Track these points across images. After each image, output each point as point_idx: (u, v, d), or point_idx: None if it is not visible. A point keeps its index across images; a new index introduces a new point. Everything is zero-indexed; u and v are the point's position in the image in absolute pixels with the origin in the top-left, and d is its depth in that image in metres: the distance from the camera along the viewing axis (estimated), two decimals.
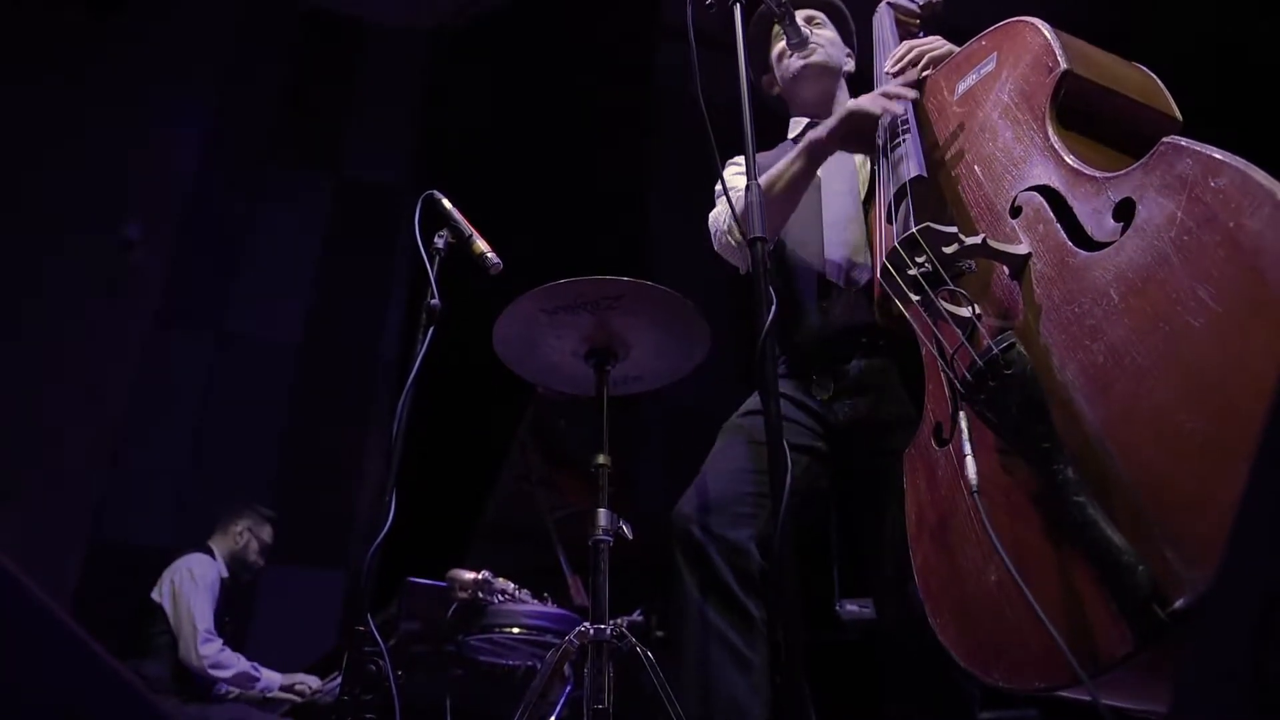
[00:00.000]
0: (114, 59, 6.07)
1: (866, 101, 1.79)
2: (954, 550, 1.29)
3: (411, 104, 6.93)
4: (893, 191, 1.63)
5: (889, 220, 1.62)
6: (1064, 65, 1.39)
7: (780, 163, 1.94)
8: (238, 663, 3.79)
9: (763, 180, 1.88)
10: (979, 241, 1.33)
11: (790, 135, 2.33)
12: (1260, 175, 1.00)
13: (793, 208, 1.99)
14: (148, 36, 6.18)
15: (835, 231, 2.02)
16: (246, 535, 4.16)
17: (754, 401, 2.02)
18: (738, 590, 1.76)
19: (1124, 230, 1.14)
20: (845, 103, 2.29)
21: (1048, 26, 1.47)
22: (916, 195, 1.57)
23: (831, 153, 1.90)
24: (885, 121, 1.75)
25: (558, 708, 2.08)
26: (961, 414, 1.28)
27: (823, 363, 1.95)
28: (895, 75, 1.89)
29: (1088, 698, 1.10)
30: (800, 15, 2.24)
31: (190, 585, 3.80)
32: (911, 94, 1.73)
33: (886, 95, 1.76)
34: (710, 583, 1.77)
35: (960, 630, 1.25)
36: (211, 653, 3.71)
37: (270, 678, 3.86)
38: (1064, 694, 1.11)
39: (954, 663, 1.25)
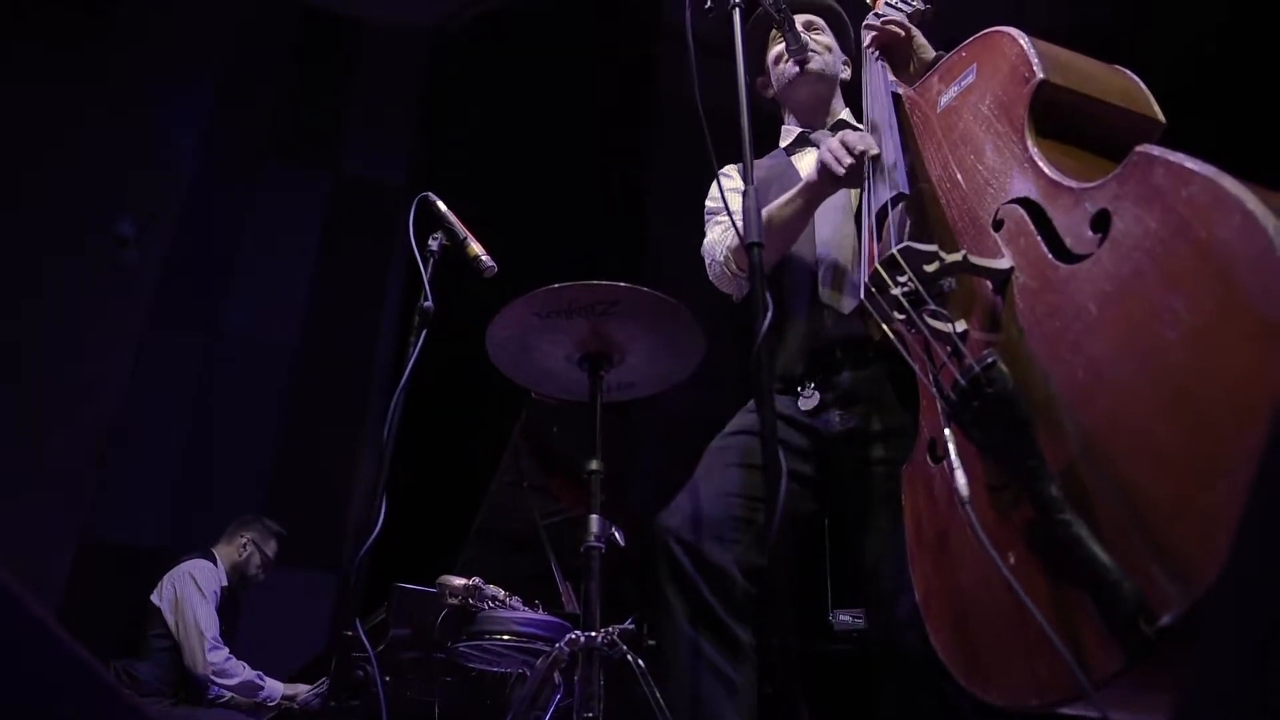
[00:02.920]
0: (112, 55, 6.07)
1: (828, 158, 1.79)
2: (952, 567, 1.28)
3: (410, 103, 6.93)
4: (876, 210, 1.62)
5: (874, 238, 1.61)
6: (1040, 75, 1.38)
7: (779, 200, 1.93)
8: (243, 671, 3.79)
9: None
10: (960, 258, 1.32)
11: (782, 144, 2.31)
12: (1230, 183, 0.98)
13: (790, 243, 1.99)
14: (146, 33, 6.18)
15: (828, 247, 2.01)
16: (250, 548, 4.15)
17: (741, 420, 2.01)
18: (723, 615, 1.77)
19: (1101, 242, 1.13)
20: (840, 112, 2.29)
21: (1024, 35, 1.46)
22: (902, 211, 1.57)
23: (830, 194, 1.91)
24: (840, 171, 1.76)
25: (547, 715, 2.06)
26: (948, 431, 1.26)
27: (813, 375, 1.94)
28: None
29: (1083, 714, 1.08)
30: (799, 20, 2.23)
31: (194, 592, 3.79)
32: (873, 149, 1.73)
33: (837, 151, 1.76)
34: (696, 607, 1.78)
35: (959, 647, 1.24)
36: (218, 660, 3.71)
37: (274, 687, 3.86)
38: (1060, 711, 1.09)
39: (948, 677, 1.24)
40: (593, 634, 1.85)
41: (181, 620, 3.71)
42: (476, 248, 2.20)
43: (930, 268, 1.36)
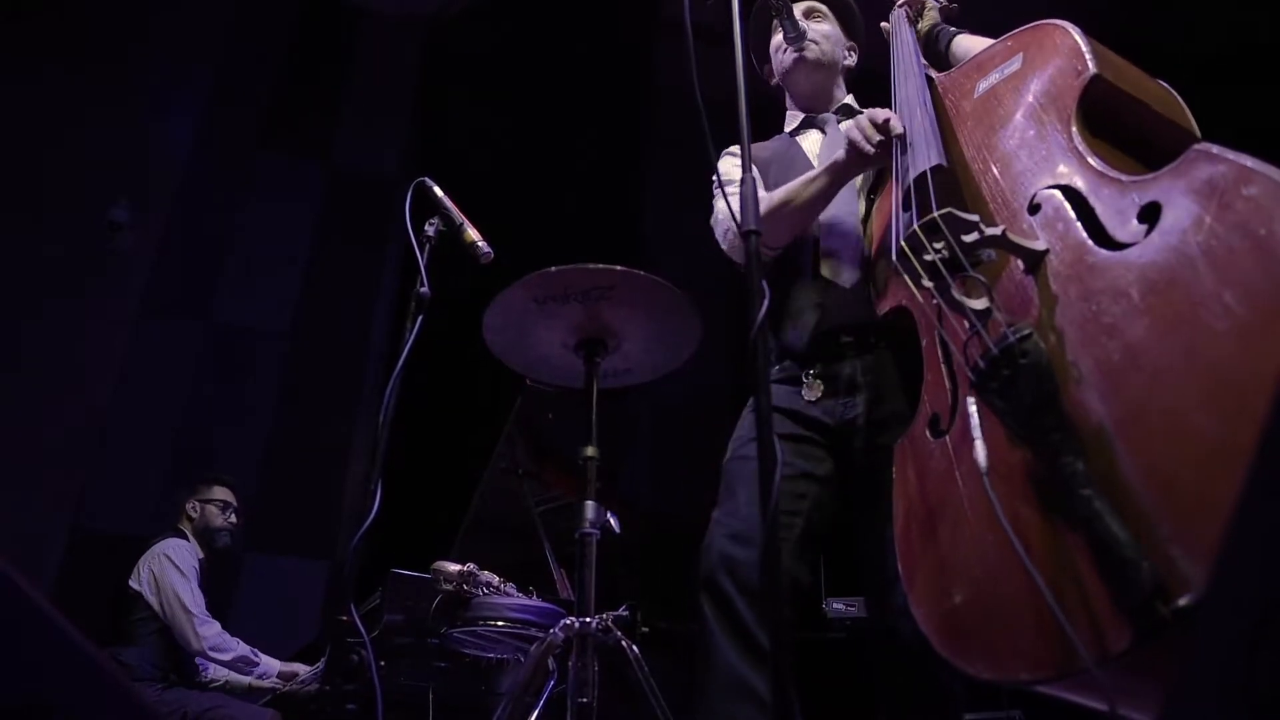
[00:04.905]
0: (108, 44, 6.04)
1: (856, 136, 1.78)
2: (943, 542, 1.29)
3: (406, 92, 6.90)
4: (912, 178, 1.61)
5: (905, 208, 1.61)
6: (1094, 69, 1.39)
7: (800, 179, 1.92)
8: (237, 646, 3.77)
9: (780, 194, 1.91)
10: (999, 233, 1.33)
11: (787, 129, 2.31)
12: None
13: (808, 223, 1.98)
14: (143, 22, 6.14)
15: (833, 228, 2.00)
16: (198, 506, 4.12)
17: (751, 426, 1.99)
18: (760, 637, 1.74)
19: (1148, 233, 1.14)
20: (843, 99, 2.29)
21: (1078, 30, 1.47)
22: (935, 185, 1.56)
23: (856, 174, 1.90)
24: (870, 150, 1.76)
25: (540, 702, 2.07)
26: (970, 400, 1.27)
27: (818, 361, 1.94)
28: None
29: (1071, 695, 1.09)
30: (800, 8, 2.23)
31: (172, 571, 3.76)
32: (897, 127, 1.73)
33: (865, 129, 1.76)
34: (735, 630, 1.76)
35: (945, 621, 1.25)
36: (211, 634, 3.69)
37: (269, 663, 3.84)
38: (1047, 690, 1.10)
39: (940, 659, 1.24)
40: (587, 620, 1.85)
41: (165, 601, 3.69)
42: (473, 233, 2.19)
43: (969, 237, 1.36)
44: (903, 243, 1.47)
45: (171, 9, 6.23)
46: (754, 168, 1.52)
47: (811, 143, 2.19)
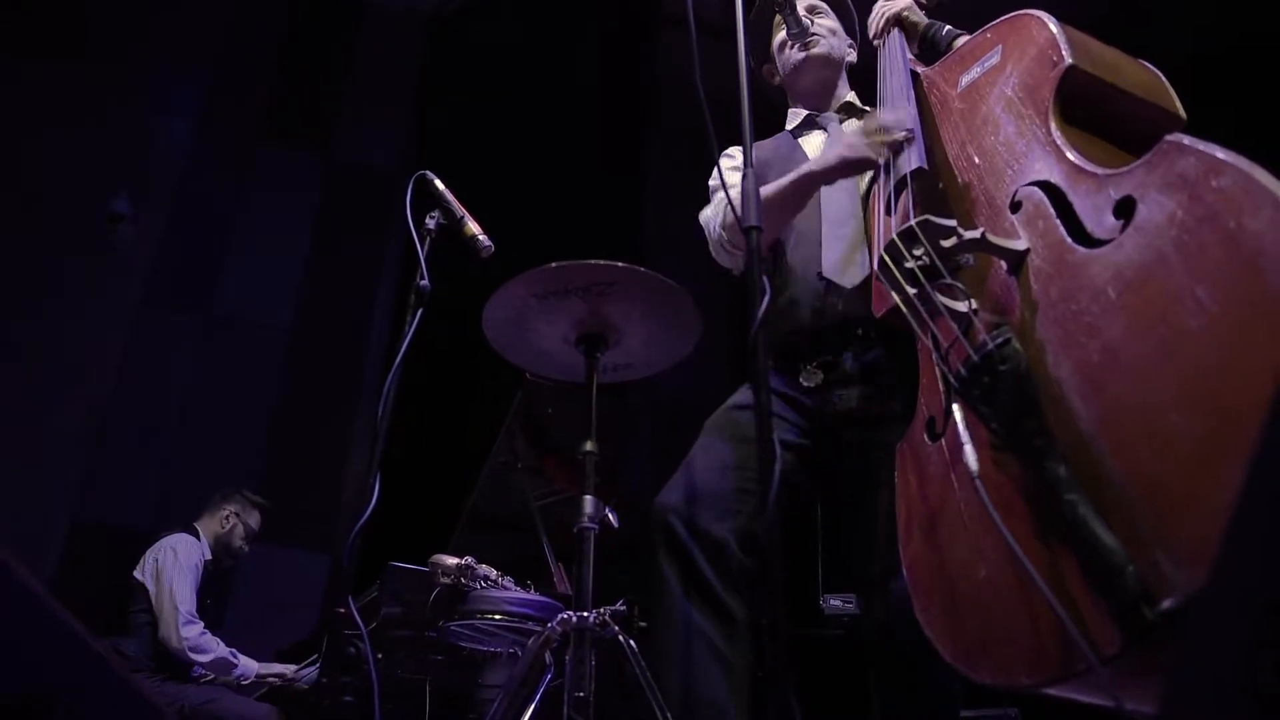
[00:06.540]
0: (109, 36, 6.02)
1: (862, 148, 1.74)
2: (943, 546, 1.29)
3: (407, 87, 6.88)
4: (893, 183, 1.62)
5: (888, 212, 1.61)
6: (1068, 60, 1.39)
7: (786, 179, 1.92)
8: (216, 648, 3.77)
9: (763, 192, 1.87)
10: (978, 236, 1.32)
11: (788, 126, 2.31)
12: (1262, 176, 0.98)
13: (787, 222, 1.98)
14: (143, 16, 6.13)
15: (834, 228, 2.01)
16: (233, 520, 4.13)
17: (739, 396, 2.02)
18: (720, 589, 1.77)
19: (1124, 228, 1.13)
20: (845, 96, 2.28)
21: (1054, 20, 1.46)
22: (917, 187, 1.56)
23: (838, 179, 1.89)
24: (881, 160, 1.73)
25: (537, 695, 2.07)
26: (956, 407, 1.27)
27: (816, 355, 1.94)
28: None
29: (1070, 696, 1.09)
30: (802, 5, 2.23)
31: (173, 565, 3.77)
32: (902, 133, 1.68)
33: (885, 130, 1.71)
34: (692, 580, 1.78)
35: (948, 626, 1.25)
36: (192, 635, 3.69)
37: (247, 666, 3.83)
38: (1049, 691, 1.10)
39: (938, 659, 1.24)
40: (585, 614, 1.85)
41: (160, 592, 3.71)
42: (474, 227, 2.19)
43: (947, 243, 1.36)
44: (882, 252, 1.47)
45: (171, 7, 6.22)
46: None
47: (814, 144, 2.18)
